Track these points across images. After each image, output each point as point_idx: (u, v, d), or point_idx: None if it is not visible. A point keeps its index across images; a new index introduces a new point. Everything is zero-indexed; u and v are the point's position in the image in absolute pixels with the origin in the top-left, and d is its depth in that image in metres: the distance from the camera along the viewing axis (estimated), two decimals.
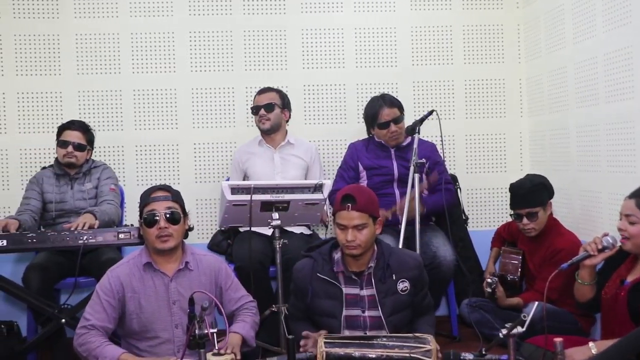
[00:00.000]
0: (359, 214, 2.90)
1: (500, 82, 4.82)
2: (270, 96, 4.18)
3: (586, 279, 3.09)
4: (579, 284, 3.13)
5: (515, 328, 2.33)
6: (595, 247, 2.98)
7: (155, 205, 2.96)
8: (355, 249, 2.92)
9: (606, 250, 2.99)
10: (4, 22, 4.48)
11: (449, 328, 4.20)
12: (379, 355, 2.53)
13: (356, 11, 4.73)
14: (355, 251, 2.92)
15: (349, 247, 2.92)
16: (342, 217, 2.92)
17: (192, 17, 4.62)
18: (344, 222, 2.91)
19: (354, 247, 2.91)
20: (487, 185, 4.82)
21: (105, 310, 2.87)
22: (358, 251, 2.93)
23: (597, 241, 2.99)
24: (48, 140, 4.34)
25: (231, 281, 3.13)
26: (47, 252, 3.85)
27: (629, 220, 2.88)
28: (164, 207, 2.96)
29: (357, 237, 2.90)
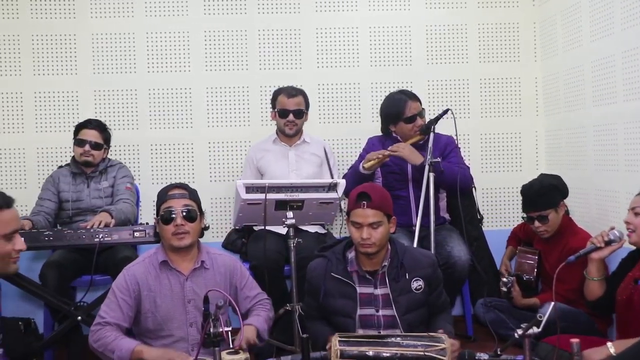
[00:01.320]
0: (374, 211, 2.90)
1: (515, 80, 4.79)
2: (299, 101, 4.16)
3: (594, 274, 3.07)
4: (587, 280, 3.12)
5: (531, 328, 2.32)
6: (602, 239, 2.97)
7: (172, 202, 2.98)
8: (370, 247, 2.91)
9: (613, 243, 2.99)
10: (22, 22, 4.51)
11: (463, 328, 4.18)
12: (393, 353, 2.52)
13: (371, 10, 4.72)
14: (370, 249, 2.92)
15: (363, 245, 2.92)
16: (357, 214, 2.92)
17: (207, 17, 4.64)
18: (359, 220, 2.91)
19: (369, 245, 2.91)
20: (502, 185, 4.80)
21: (121, 308, 2.89)
22: (373, 249, 2.92)
23: (604, 234, 3.00)
24: (65, 139, 4.37)
25: (246, 280, 3.14)
26: (63, 250, 3.88)
27: (634, 212, 2.88)
28: (181, 204, 2.97)
29: (372, 235, 2.89)
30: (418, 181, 3.86)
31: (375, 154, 3.90)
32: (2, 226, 2.40)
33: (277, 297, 3.59)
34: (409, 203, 4.04)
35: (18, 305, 4.39)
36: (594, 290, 3.11)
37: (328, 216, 3.49)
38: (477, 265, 3.94)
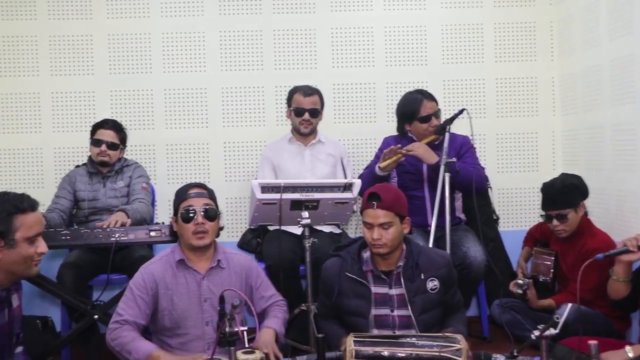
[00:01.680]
0: (385, 212, 2.89)
1: (532, 80, 4.76)
2: (314, 100, 4.17)
3: (621, 275, 3.04)
4: (613, 280, 3.08)
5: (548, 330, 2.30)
6: (636, 243, 2.92)
7: (192, 201, 2.99)
8: (381, 248, 2.91)
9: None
10: (39, 23, 4.55)
11: (479, 329, 4.16)
12: (409, 354, 2.51)
13: (386, 9, 4.71)
14: (382, 250, 2.92)
15: (375, 245, 2.92)
16: (368, 215, 2.92)
17: (222, 17, 4.65)
18: (370, 220, 2.91)
19: (380, 246, 2.91)
20: (519, 185, 4.77)
21: (138, 306, 2.90)
22: (384, 250, 2.92)
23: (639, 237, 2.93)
24: (81, 139, 4.40)
25: (261, 280, 3.14)
26: (80, 250, 3.90)
27: None
28: (201, 203, 2.98)
29: (383, 235, 2.89)
30: (433, 181, 3.84)
31: (388, 150, 3.88)
32: (26, 229, 2.42)
33: (292, 297, 3.59)
34: (424, 203, 4.03)
35: (36, 303, 4.43)
36: (620, 290, 3.07)
37: (343, 216, 3.49)
38: (493, 266, 3.92)
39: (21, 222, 2.41)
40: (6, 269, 2.40)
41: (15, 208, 2.41)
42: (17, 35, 4.54)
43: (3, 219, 2.37)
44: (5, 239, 2.37)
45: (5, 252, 2.38)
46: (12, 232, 2.38)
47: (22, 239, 2.40)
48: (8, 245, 2.38)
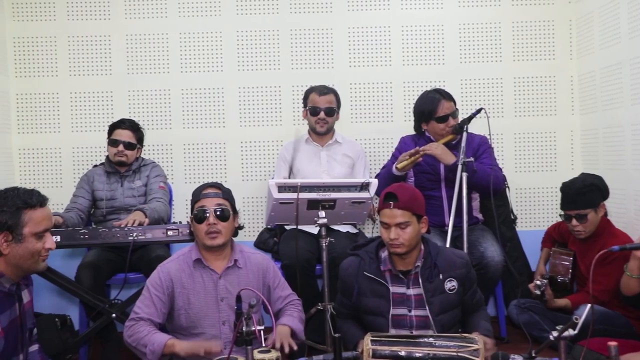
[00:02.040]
0: (402, 211, 2.89)
1: (550, 79, 4.72)
2: (330, 99, 4.18)
3: (635, 272, 3.01)
4: (627, 276, 3.06)
5: (567, 330, 2.28)
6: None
7: (205, 201, 3.00)
8: (398, 247, 2.90)
9: None
10: (58, 24, 4.59)
11: (497, 329, 4.13)
12: (426, 354, 2.50)
13: (403, 8, 4.70)
14: (399, 249, 2.91)
15: (392, 245, 2.91)
16: (385, 215, 2.92)
17: (239, 17, 4.66)
18: (387, 220, 2.91)
19: (398, 246, 2.90)
20: (537, 185, 4.74)
21: (155, 305, 2.92)
22: (402, 250, 2.91)
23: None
24: (99, 138, 4.43)
25: (279, 280, 3.14)
26: (98, 249, 3.93)
27: None
28: (214, 203, 2.99)
29: (400, 235, 2.88)
30: (451, 181, 3.83)
31: (407, 153, 3.88)
32: (35, 224, 2.45)
33: (308, 296, 3.59)
34: (441, 203, 4.01)
35: (54, 302, 4.47)
36: (632, 286, 3.05)
37: (360, 216, 3.48)
38: (511, 266, 3.90)
39: (30, 217, 2.44)
40: (14, 263, 2.44)
41: (24, 203, 2.44)
42: (37, 36, 4.58)
43: (12, 213, 2.41)
44: (14, 233, 2.41)
45: (13, 247, 2.42)
46: (21, 226, 2.42)
47: (30, 234, 2.44)
48: (16, 240, 2.42)
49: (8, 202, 2.42)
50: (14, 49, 4.57)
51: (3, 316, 2.39)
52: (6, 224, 2.40)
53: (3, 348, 2.37)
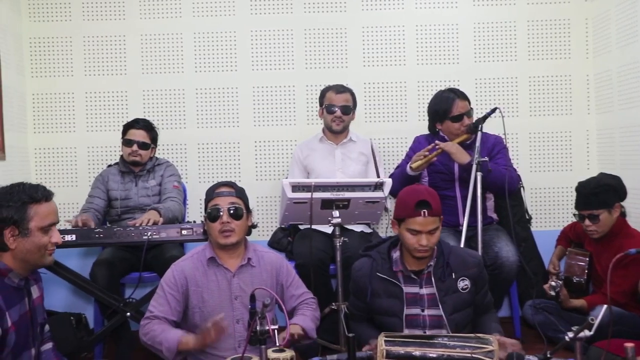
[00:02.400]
0: (433, 218, 2.85)
1: (566, 78, 4.69)
2: (347, 97, 4.18)
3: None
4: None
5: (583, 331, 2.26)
6: None
7: (219, 200, 3.00)
8: (426, 252, 2.89)
9: None
10: (74, 24, 4.62)
11: (511, 329, 4.11)
12: (440, 354, 2.49)
13: (417, 8, 4.68)
14: (427, 254, 2.89)
15: (420, 251, 2.87)
16: (418, 223, 2.84)
17: (253, 16, 4.66)
18: (419, 228, 2.84)
19: (426, 251, 2.88)
20: (552, 185, 4.71)
21: (169, 303, 2.93)
22: (428, 253, 2.90)
23: None
24: (114, 138, 4.45)
25: (292, 278, 3.14)
26: (112, 248, 3.95)
27: None
28: (228, 202, 2.99)
29: (429, 240, 2.86)
30: (465, 181, 3.82)
31: (421, 152, 3.87)
32: (40, 219, 2.48)
33: (322, 296, 3.59)
34: (455, 203, 4.00)
35: (70, 301, 4.50)
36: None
37: (374, 215, 3.47)
38: (525, 266, 3.88)
39: (35, 211, 2.47)
40: (21, 258, 2.47)
41: (29, 198, 2.47)
42: (52, 36, 4.61)
43: (18, 208, 2.44)
44: (20, 227, 2.44)
45: (20, 241, 2.45)
46: (27, 221, 2.46)
47: (36, 228, 2.47)
48: (22, 234, 2.45)
49: (14, 197, 2.46)
50: (30, 49, 4.60)
51: (13, 310, 2.42)
52: (12, 219, 2.43)
53: (14, 342, 2.40)
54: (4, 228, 2.43)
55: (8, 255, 2.45)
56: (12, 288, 2.45)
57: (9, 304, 2.40)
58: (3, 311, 2.35)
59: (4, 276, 2.43)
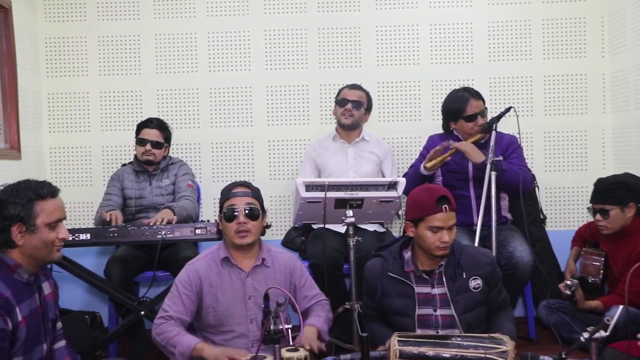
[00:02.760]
0: (453, 214, 2.89)
1: (581, 77, 4.66)
2: (359, 94, 4.19)
3: None
4: None
5: (598, 332, 2.25)
6: None
7: (235, 200, 3.00)
8: (447, 249, 2.89)
9: None
10: (89, 24, 4.64)
11: (526, 330, 4.09)
12: (453, 355, 2.49)
13: (431, 7, 4.67)
14: (447, 251, 2.90)
15: (443, 248, 2.87)
16: (439, 219, 2.85)
17: (267, 16, 4.67)
18: (441, 224, 2.85)
19: (448, 247, 2.88)
20: (567, 184, 4.68)
21: (183, 303, 2.94)
22: (448, 250, 2.90)
23: None
24: (129, 137, 4.47)
25: (305, 279, 3.14)
26: (126, 246, 3.97)
27: None
28: (244, 202, 2.99)
29: (450, 236, 2.88)
30: (479, 180, 3.81)
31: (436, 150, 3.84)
32: (47, 215, 2.49)
33: (336, 295, 3.59)
34: (469, 202, 3.98)
35: (84, 299, 4.52)
36: None
37: (387, 215, 3.47)
38: (540, 266, 3.85)
39: (41, 208, 2.48)
40: (29, 254, 2.49)
41: (35, 194, 2.48)
42: (67, 36, 4.64)
43: (24, 204, 2.45)
44: (27, 224, 2.46)
45: (27, 237, 2.46)
46: (33, 217, 2.46)
47: (42, 224, 2.48)
48: (29, 231, 2.46)
49: (20, 194, 2.47)
50: (45, 49, 4.64)
51: (23, 305, 2.44)
52: (19, 216, 2.44)
53: (25, 337, 2.42)
54: (12, 225, 2.44)
55: (16, 252, 2.47)
56: (22, 284, 2.48)
57: (19, 299, 2.42)
58: (13, 306, 2.38)
59: (13, 272, 2.46)
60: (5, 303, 2.34)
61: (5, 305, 2.34)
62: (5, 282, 2.40)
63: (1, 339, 2.31)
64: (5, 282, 2.40)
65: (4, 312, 2.32)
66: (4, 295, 2.35)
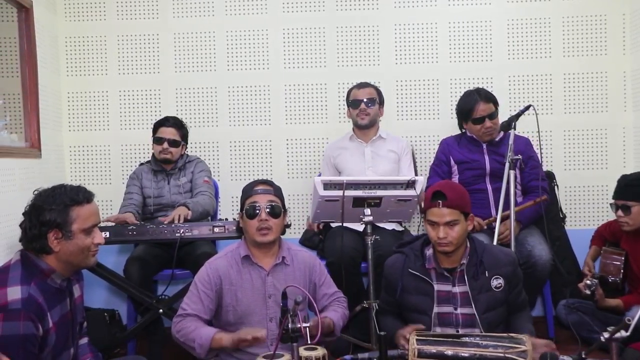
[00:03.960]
0: (450, 210, 2.86)
1: (602, 75, 4.61)
2: (370, 91, 4.19)
3: None
4: None
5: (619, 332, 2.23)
6: None
7: (257, 197, 3.01)
8: (447, 246, 2.88)
9: None
10: (108, 23, 4.67)
11: (544, 329, 4.07)
12: (472, 354, 2.47)
13: (450, 5, 4.64)
14: (447, 248, 2.89)
15: (440, 244, 2.89)
16: (433, 214, 2.89)
17: (285, 14, 4.67)
18: (435, 219, 2.88)
19: (446, 244, 2.88)
20: (587, 183, 4.64)
21: (202, 301, 2.94)
22: (450, 248, 2.89)
23: None
24: (147, 136, 4.49)
25: (324, 277, 3.15)
26: (145, 245, 3.99)
27: None
28: (266, 200, 3.00)
29: (448, 234, 2.86)
30: (496, 175, 3.85)
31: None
32: (83, 221, 2.48)
33: (353, 294, 3.59)
34: (486, 195, 3.99)
35: (103, 297, 4.56)
36: None
37: (406, 213, 3.45)
38: (559, 265, 3.83)
39: (77, 213, 2.47)
40: (65, 260, 2.48)
41: (71, 200, 2.47)
42: (87, 35, 4.67)
43: (60, 211, 2.45)
44: (63, 230, 2.44)
45: (64, 244, 2.45)
46: (69, 223, 2.45)
47: (78, 230, 2.47)
48: (65, 237, 2.45)
49: (56, 200, 2.46)
50: (65, 48, 4.67)
51: (54, 311, 2.43)
52: (55, 222, 2.43)
53: (54, 342, 2.42)
54: (48, 231, 2.43)
55: (52, 257, 2.46)
56: (54, 289, 2.47)
57: (50, 304, 2.41)
58: (45, 312, 2.37)
59: (47, 277, 2.45)
60: (37, 309, 2.34)
61: (37, 311, 2.33)
62: (39, 287, 2.39)
63: (31, 345, 2.31)
64: (39, 287, 2.39)
65: (36, 318, 2.32)
66: (37, 300, 2.35)
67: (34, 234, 2.44)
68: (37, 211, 2.46)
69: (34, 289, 2.36)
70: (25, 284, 2.35)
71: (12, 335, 2.26)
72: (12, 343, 2.26)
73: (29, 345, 2.29)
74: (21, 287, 2.34)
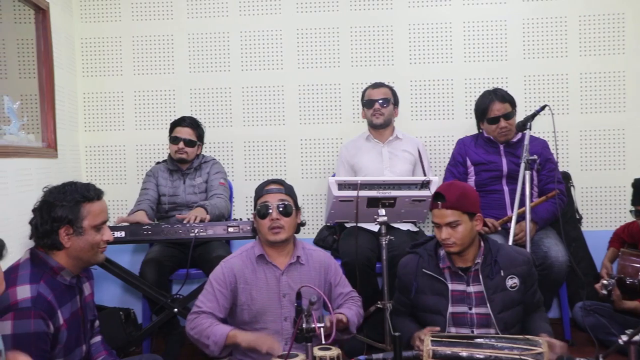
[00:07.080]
0: (451, 211, 2.86)
1: (619, 74, 4.56)
2: (384, 91, 4.18)
3: None
4: None
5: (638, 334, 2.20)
6: None
7: (268, 197, 3.01)
8: (451, 247, 2.88)
9: None
10: (123, 24, 4.70)
11: (561, 331, 4.03)
12: (487, 355, 2.46)
13: (465, 4, 4.62)
14: (452, 249, 2.89)
15: (445, 244, 2.90)
16: (435, 215, 2.92)
17: (299, 14, 4.67)
18: (437, 220, 2.90)
19: (450, 245, 2.88)
20: (604, 184, 4.59)
21: (217, 300, 2.95)
22: (455, 249, 2.89)
23: None
24: (162, 136, 4.52)
25: (340, 277, 3.14)
26: (160, 246, 4.01)
27: None
28: (277, 199, 3.00)
29: (451, 234, 2.86)
30: (512, 177, 3.82)
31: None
32: (93, 217, 2.53)
33: (368, 294, 3.58)
34: (502, 196, 3.98)
35: (119, 296, 4.58)
36: None
37: (420, 214, 3.45)
38: (575, 266, 3.80)
39: (88, 210, 2.52)
40: (75, 256, 2.51)
41: (82, 197, 2.51)
42: (102, 36, 4.70)
43: (71, 207, 2.49)
44: (74, 226, 2.49)
45: (74, 240, 2.49)
46: (80, 220, 2.50)
47: (89, 226, 2.51)
48: (76, 233, 2.49)
49: (67, 196, 2.50)
50: (81, 49, 4.70)
51: (65, 308, 2.46)
52: (67, 218, 2.47)
53: (66, 339, 2.45)
54: (59, 227, 2.47)
55: (62, 254, 2.50)
56: (64, 286, 2.50)
57: (61, 302, 2.44)
58: (55, 309, 2.40)
59: (57, 274, 2.48)
60: (47, 306, 2.37)
61: (47, 309, 2.36)
62: (48, 285, 2.42)
63: (43, 342, 2.33)
64: (48, 285, 2.42)
65: (47, 315, 2.35)
66: (46, 298, 2.37)
67: (46, 230, 2.47)
68: (48, 207, 2.49)
69: (43, 287, 2.39)
70: (34, 282, 2.39)
71: (23, 333, 2.29)
72: (24, 341, 2.28)
73: (40, 343, 2.32)
74: (30, 285, 2.37)
